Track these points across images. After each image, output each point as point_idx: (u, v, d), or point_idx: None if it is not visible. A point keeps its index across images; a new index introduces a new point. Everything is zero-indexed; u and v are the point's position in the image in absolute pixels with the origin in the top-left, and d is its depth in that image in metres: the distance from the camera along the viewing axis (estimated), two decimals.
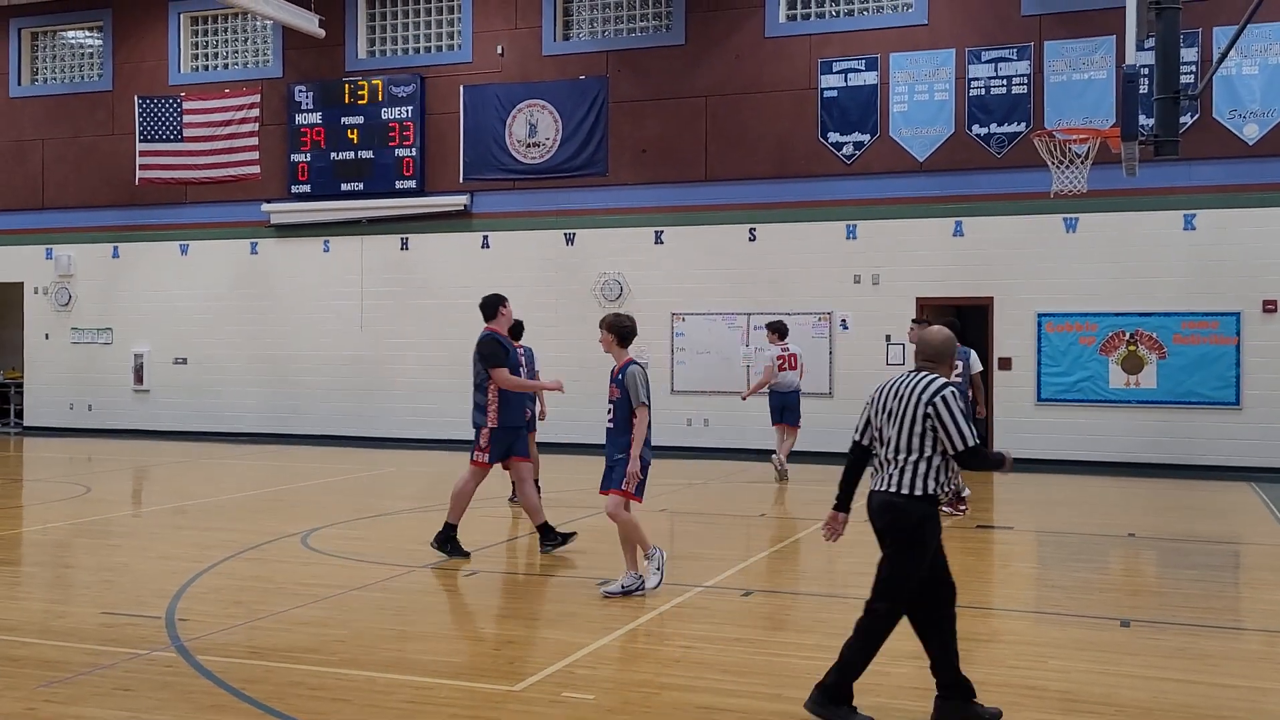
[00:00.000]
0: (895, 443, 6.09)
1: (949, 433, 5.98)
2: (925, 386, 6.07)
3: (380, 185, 22.13)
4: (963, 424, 6.00)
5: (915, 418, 6.03)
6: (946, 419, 5.98)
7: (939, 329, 6.44)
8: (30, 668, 7.01)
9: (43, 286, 24.82)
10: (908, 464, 6.04)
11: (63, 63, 25.22)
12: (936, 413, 5.99)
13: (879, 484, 6.18)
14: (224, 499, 14.89)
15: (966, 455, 6.00)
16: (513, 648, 7.64)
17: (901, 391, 6.14)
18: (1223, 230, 17.77)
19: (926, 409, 6.01)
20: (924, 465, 6.04)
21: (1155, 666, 7.16)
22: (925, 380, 6.12)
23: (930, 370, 6.22)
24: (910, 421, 6.04)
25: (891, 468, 6.11)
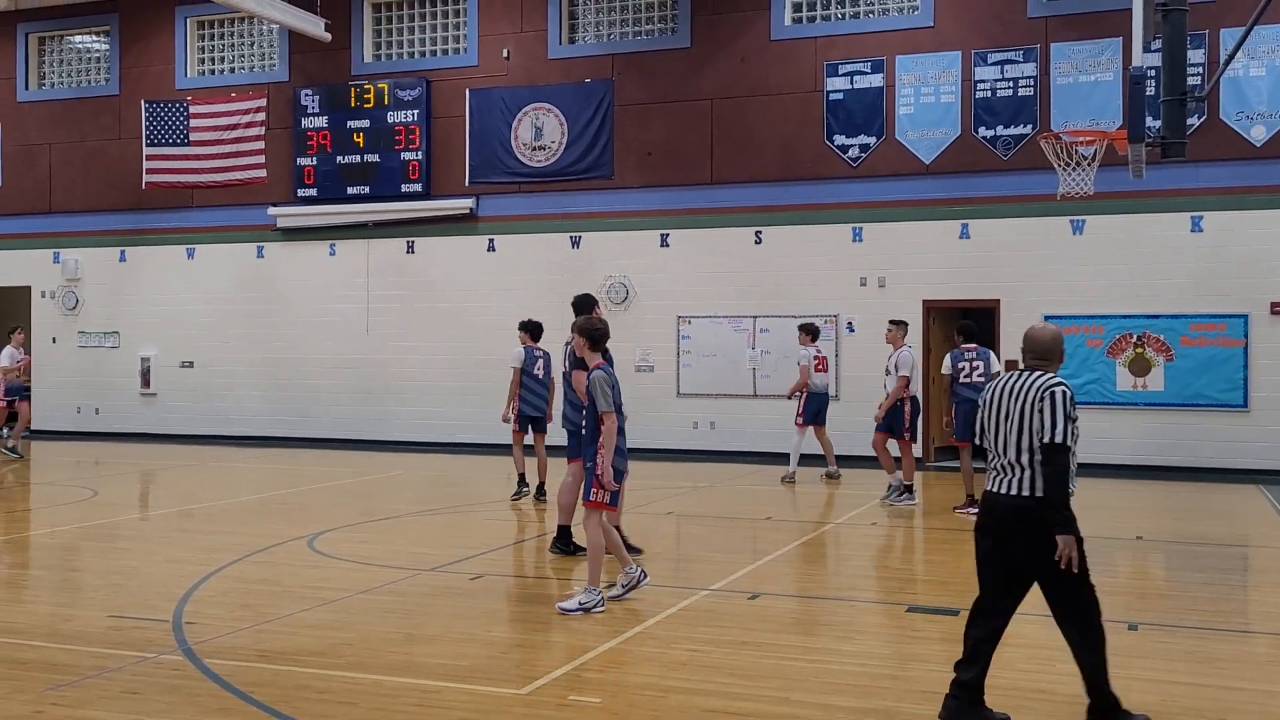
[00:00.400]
0: (1016, 443, 6.04)
1: (1044, 423, 5.92)
2: (1039, 384, 6.04)
3: (386, 189, 22.14)
4: (1061, 420, 5.92)
5: (1031, 416, 5.99)
6: (1048, 411, 5.92)
7: (1046, 326, 6.40)
8: (38, 671, 7.01)
9: (50, 290, 24.86)
10: (1034, 465, 5.98)
11: (70, 67, 25.27)
12: (1043, 406, 5.95)
13: (1005, 488, 6.10)
14: (231, 502, 14.90)
15: (1050, 449, 5.93)
16: (520, 651, 7.63)
17: (1016, 390, 6.10)
18: (1230, 232, 17.74)
19: (1038, 405, 5.97)
20: None
21: (1164, 669, 7.14)
22: (1041, 378, 6.08)
23: (1040, 369, 6.18)
24: (1028, 421, 6.00)
25: (1019, 471, 6.04)
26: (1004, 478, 6.11)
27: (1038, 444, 5.96)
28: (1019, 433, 6.02)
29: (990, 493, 6.19)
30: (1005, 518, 6.08)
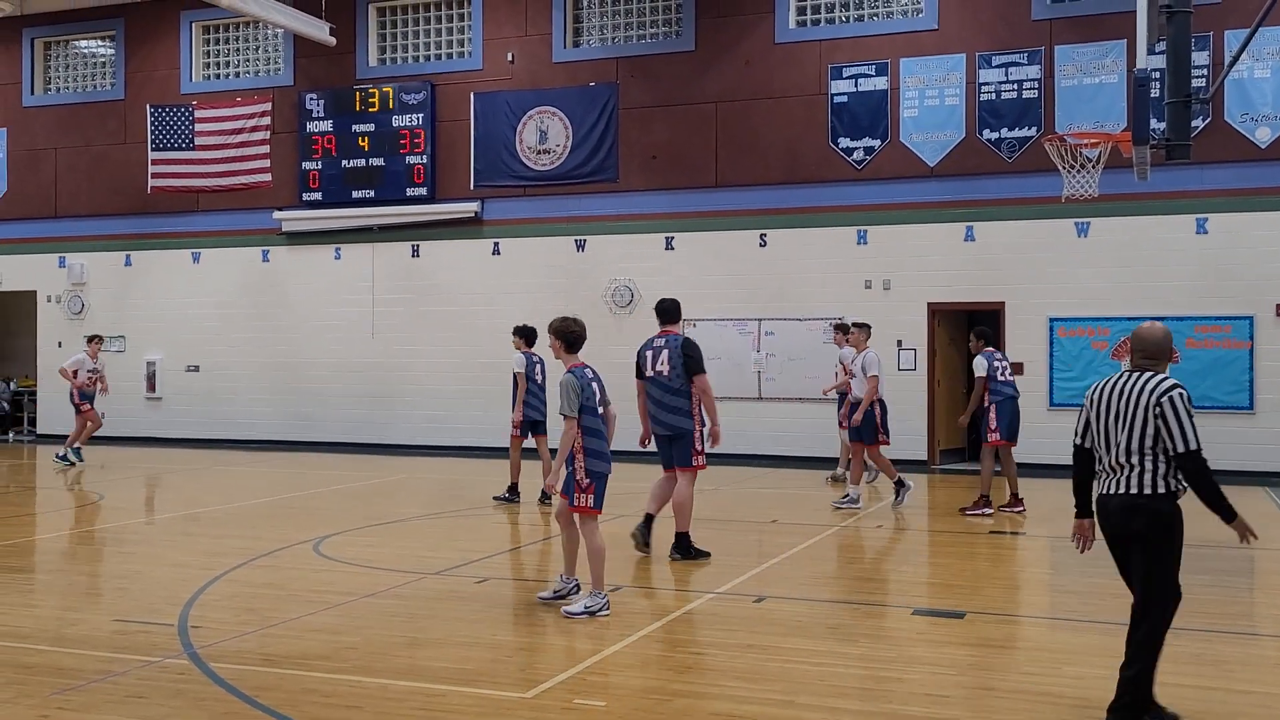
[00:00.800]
0: (1127, 444, 6.04)
1: (1172, 432, 5.93)
2: (1155, 386, 6.04)
3: (391, 192, 22.16)
4: (1188, 426, 5.92)
5: (1146, 418, 5.99)
6: (1172, 418, 5.93)
7: (1155, 325, 6.35)
8: (43, 675, 7.02)
9: (55, 295, 24.90)
10: (1144, 464, 6.00)
11: (75, 72, 25.31)
12: (1163, 412, 5.95)
13: (1115, 487, 6.11)
14: (236, 506, 14.91)
15: (1187, 458, 5.94)
16: (525, 654, 7.63)
17: (1127, 391, 6.09)
18: (1235, 234, 17.72)
19: (1155, 408, 5.97)
20: (1162, 463, 6.00)
21: (1171, 672, 7.12)
22: (1154, 379, 6.08)
23: (1150, 368, 6.17)
24: (1142, 422, 5.99)
25: (1127, 470, 6.05)
26: (1113, 478, 6.13)
27: (1149, 445, 5.98)
28: (1129, 434, 6.03)
29: (1102, 495, 6.22)
30: (1116, 516, 6.14)
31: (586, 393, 8.57)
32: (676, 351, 10.86)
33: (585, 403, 8.55)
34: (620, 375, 20.55)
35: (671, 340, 10.96)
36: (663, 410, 10.88)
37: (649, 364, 10.97)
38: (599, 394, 8.70)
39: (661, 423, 10.92)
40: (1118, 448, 6.07)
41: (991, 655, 7.65)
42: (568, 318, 8.96)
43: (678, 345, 10.90)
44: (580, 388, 8.53)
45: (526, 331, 14.87)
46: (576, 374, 8.61)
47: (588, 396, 8.57)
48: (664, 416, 10.90)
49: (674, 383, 10.83)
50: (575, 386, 8.52)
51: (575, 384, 8.53)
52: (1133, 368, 6.24)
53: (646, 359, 11.00)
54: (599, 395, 8.69)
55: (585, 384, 8.58)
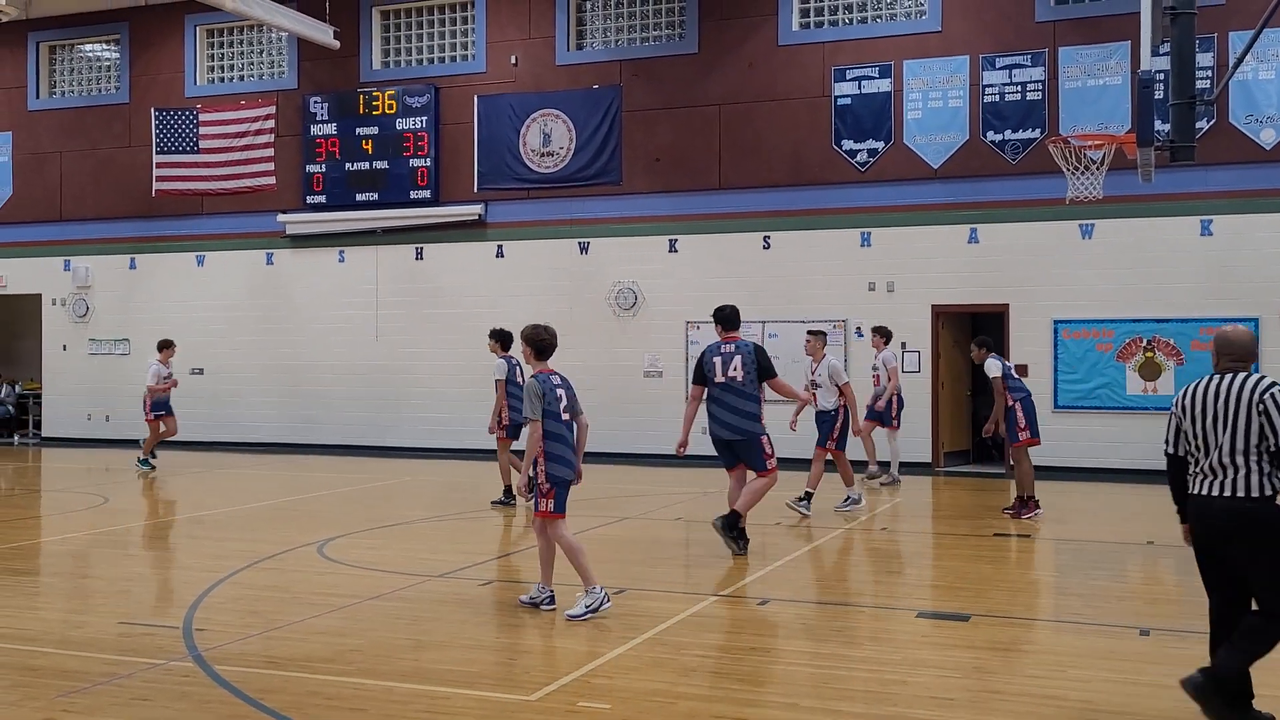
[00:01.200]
0: (1230, 446, 6.03)
1: (1276, 429, 5.93)
2: (1255, 385, 6.04)
3: (395, 195, 22.18)
4: None
5: (1249, 416, 5.99)
6: (1275, 414, 5.93)
7: (1239, 328, 6.38)
8: (49, 678, 7.03)
9: (60, 298, 24.93)
10: (1248, 465, 5.99)
11: (80, 75, 25.35)
12: (1266, 409, 5.95)
13: (1215, 489, 6.09)
14: (240, 509, 14.92)
15: None
16: (529, 657, 7.63)
17: (1225, 393, 6.09)
18: (1240, 235, 17.69)
19: (1259, 405, 5.97)
20: (1266, 464, 6.00)
21: (1176, 675, 7.09)
22: (1253, 379, 6.08)
23: (1240, 369, 6.17)
24: (1245, 422, 5.99)
25: (1231, 472, 6.04)
26: (1214, 480, 6.11)
27: (1254, 445, 5.98)
28: (1233, 435, 6.02)
29: (1200, 496, 6.19)
30: (1218, 520, 6.10)
31: (549, 398, 8.65)
32: (750, 357, 11.21)
33: (548, 408, 8.64)
34: (624, 378, 20.75)
35: (742, 346, 11.29)
36: (734, 415, 11.17)
37: (719, 370, 11.19)
38: (566, 401, 8.76)
39: (732, 427, 11.18)
40: (1219, 450, 6.06)
41: (996, 658, 7.65)
42: (539, 325, 9.04)
43: (750, 351, 11.25)
44: (543, 393, 8.63)
45: (502, 335, 14.99)
46: (541, 379, 8.71)
47: (550, 402, 8.65)
48: (735, 421, 11.17)
49: (747, 388, 11.15)
50: (538, 391, 8.62)
51: (539, 388, 8.63)
52: (1221, 370, 6.23)
53: (715, 365, 11.21)
54: (566, 402, 8.75)
55: (549, 390, 8.67)
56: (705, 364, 11.27)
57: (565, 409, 8.72)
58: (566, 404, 8.75)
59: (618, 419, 20.36)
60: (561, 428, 8.70)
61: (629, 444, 20.18)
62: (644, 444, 20.25)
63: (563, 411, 8.70)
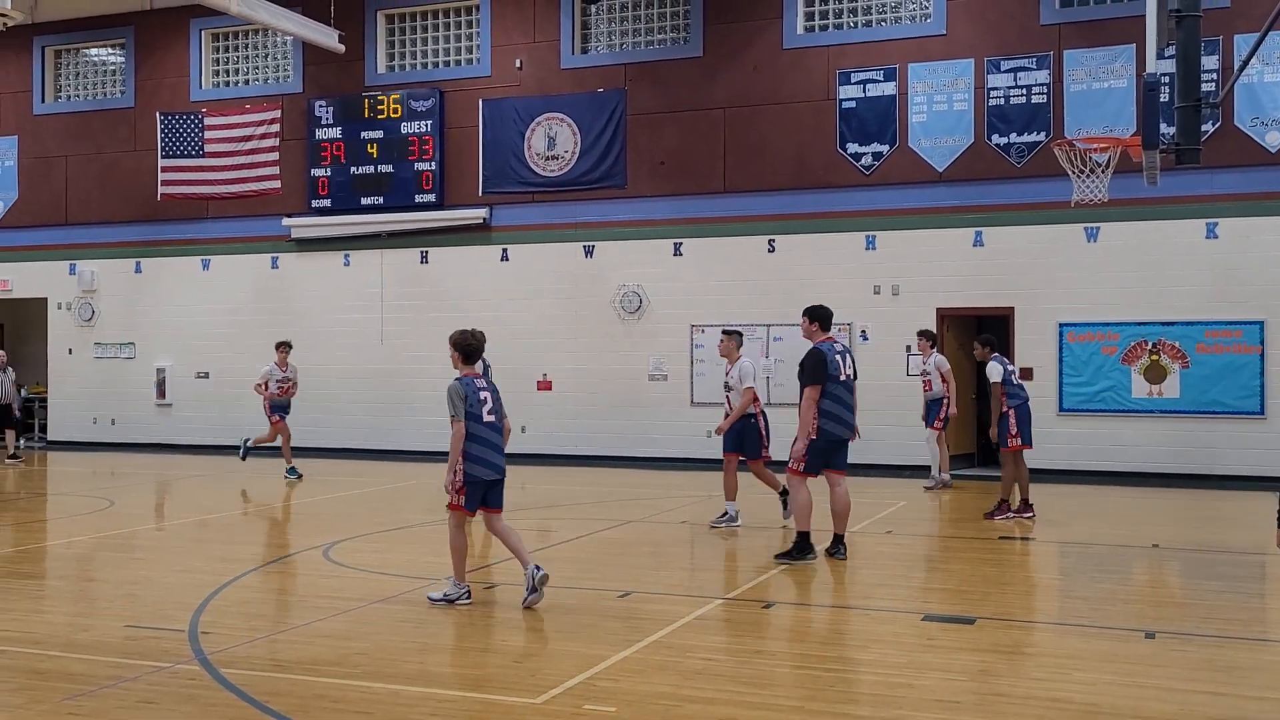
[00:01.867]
0: None
1: None
2: None
3: (400, 199, 22.20)
4: None
5: None
6: None
7: None
8: (55, 681, 7.03)
9: (66, 302, 24.97)
10: None
11: (85, 80, 25.40)
12: None
13: None
14: (246, 512, 14.92)
15: None
16: (534, 660, 7.63)
17: None
18: (1245, 238, 17.68)
19: None
20: None
21: (1181, 679, 7.11)
22: None
23: None
24: None
25: None
26: None
27: None
28: None
29: None
30: None
31: (471, 400, 9.03)
32: (852, 357, 11.36)
33: (470, 410, 9.00)
34: (629, 381, 20.74)
35: (847, 348, 11.38)
36: (852, 413, 11.10)
37: (842, 368, 11.06)
38: (490, 404, 9.14)
39: (851, 426, 11.10)
40: None
41: (1002, 661, 7.64)
42: (466, 330, 9.49)
43: (850, 351, 11.36)
44: (465, 395, 9.02)
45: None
46: (465, 382, 9.10)
47: (472, 404, 9.02)
48: (853, 419, 11.13)
49: (853, 386, 11.17)
50: (460, 393, 9.00)
51: (461, 391, 9.02)
52: None
53: (839, 363, 11.03)
54: (490, 405, 9.13)
55: (471, 392, 9.06)
56: (830, 363, 10.90)
57: (489, 411, 9.10)
58: (491, 406, 9.14)
59: (622, 422, 20.38)
60: (482, 429, 9.06)
61: (633, 447, 20.20)
62: (648, 447, 20.26)
63: (486, 414, 9.07)
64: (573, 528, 12.91)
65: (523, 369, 21.04)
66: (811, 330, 11.21)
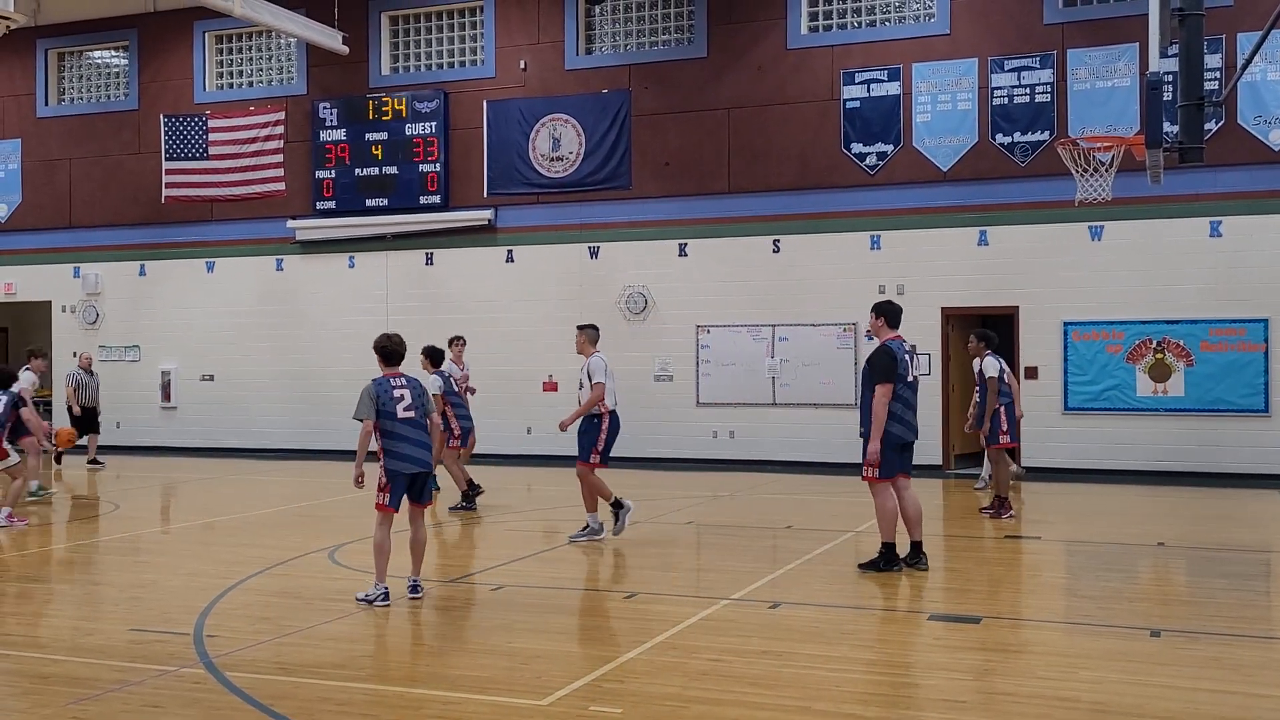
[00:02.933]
0: None
1: None
2: None
3: (405, 201, 22.21)
4: None
5: None
6: None
7: None
8: (60, 685, 7.04)
9: (70, 305, 25.00)
10: None
11: (89, 82, 25.43)
12: None
13: None
14: (251, 515, 14.94)
15: None
16: (540, 662, 7.63)
17: None
18: (1249, 237, 17.66)
19: None
20: None
21: (1188, 677, 7.10)
22: None
23: None
24: None
25: None
26: None
27: None
28: None
29: None
30: None
31: (384, 399, 9.40)
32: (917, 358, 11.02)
33: (384, 409, 9.38)
34: (635, 382, 20.71)
35: (913, 346, 10.94)
36: (915, 415, 10.65)
37: (910, 368, 10.60)
38: (410, 401, 9.48)
39: (915, 428, 10.65)
40: None
41: (1007, 660, 7.63)
42: (389, 334, 9.94)
43: (916, 352, 11.02)
44: (377, 395, 9.40)
45: (432, 352, 15.48)
46: (378, 382, 9.49)
47: (385, 403, 9.39)
48: (916, 422, 10.69)
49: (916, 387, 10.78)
50: (372, 394, 9.41)
51: (373, 391, 9.41)
52: None
53: (908, 363, 10.56)
54: (407, 402, 9.47)
55: (384, 392, 9.43)
56: (900, 362, 10.38)
57: (407, 408, 9.45)
58: (409, 403, 9.47)
59: (628, 423, 20.30)
60: (400, 426, 9.43)
61: (640, 448, 20.18)
62: (654, 448, 20.25)
63: (402, 411, 9.42)
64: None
65: (528, 370, 21.06)
66: (878, 326, 10.68)
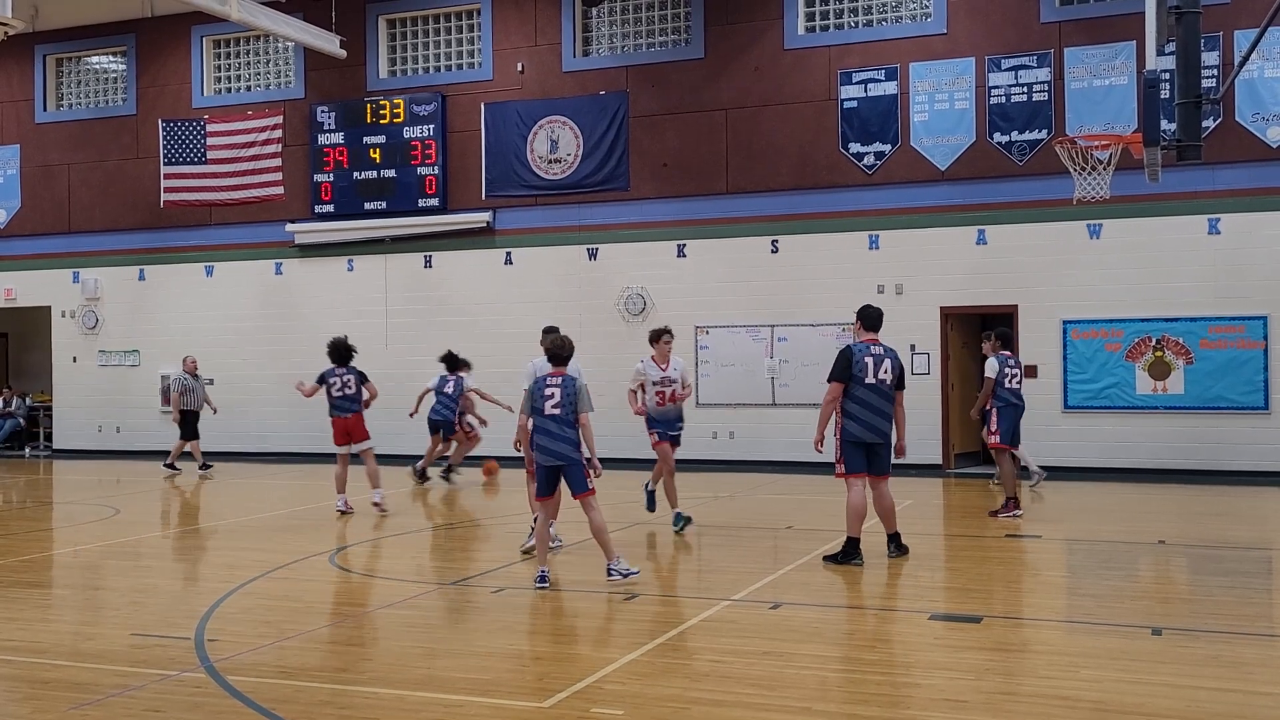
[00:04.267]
0: None
1: None
2: None
3: (403, 204, 22.21)
4: None
5: None
6: None
7: None
8: (61, 690, 7.04)
9: (70, 310, 25.00)
10: None
11: (87, 88, 25.44)
12: None
13: None
14: (252, 519, 14.94)
15: None
16: (541, 664, 7.63)
17: None
18: (1248, 234, 17.67)
19: None
20: None
21: (1188, 675, 7.10)
22: None
23: None
24: None
25: None
26: None
27: None
28: None
29: None
30: None
31: (536, 397, 9.99)
32: (897, 362, 11.07)
33: (534, 405, 9.98)
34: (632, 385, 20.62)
35: (890, 351, 11.07)
36: (881, 418, 10.83)
37: (870, 371, 10.82)
38: (558, 399, 9.91)
39: (880, 431, 10.83)
40: None
41: (1008, 659, 7.63)
42: (558, 338, 10.35)
43: (897, 357, 11.12)
44: (532, 394, 10.05)
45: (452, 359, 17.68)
46: (537, 381, 10.09)
47: (536, 400, 10.00)
48: (882, 424, 10.86)
49: (891, 392, 10.94)
50: (530, 393, 10.06)
51: (531, 389, 10.06)
52: None
53: (868, 365, 10.81)
54: (558, 400, 9.91)
55: (538, 390, 10.02)
56: (856, 363, 10.76)
57: (554, 405, 9.90)
58: (557, 401, 9.92)
59: (628, 424, 20.33)
60: (542, 421, 9.92)
61: (639, 449, 20.13)
62: None
63: (549, 408, 9.91)
64: (580, 530, 12.89)
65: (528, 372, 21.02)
66: (856, 329, 11.22)
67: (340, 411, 14.98)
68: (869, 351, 10.87)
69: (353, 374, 15.08)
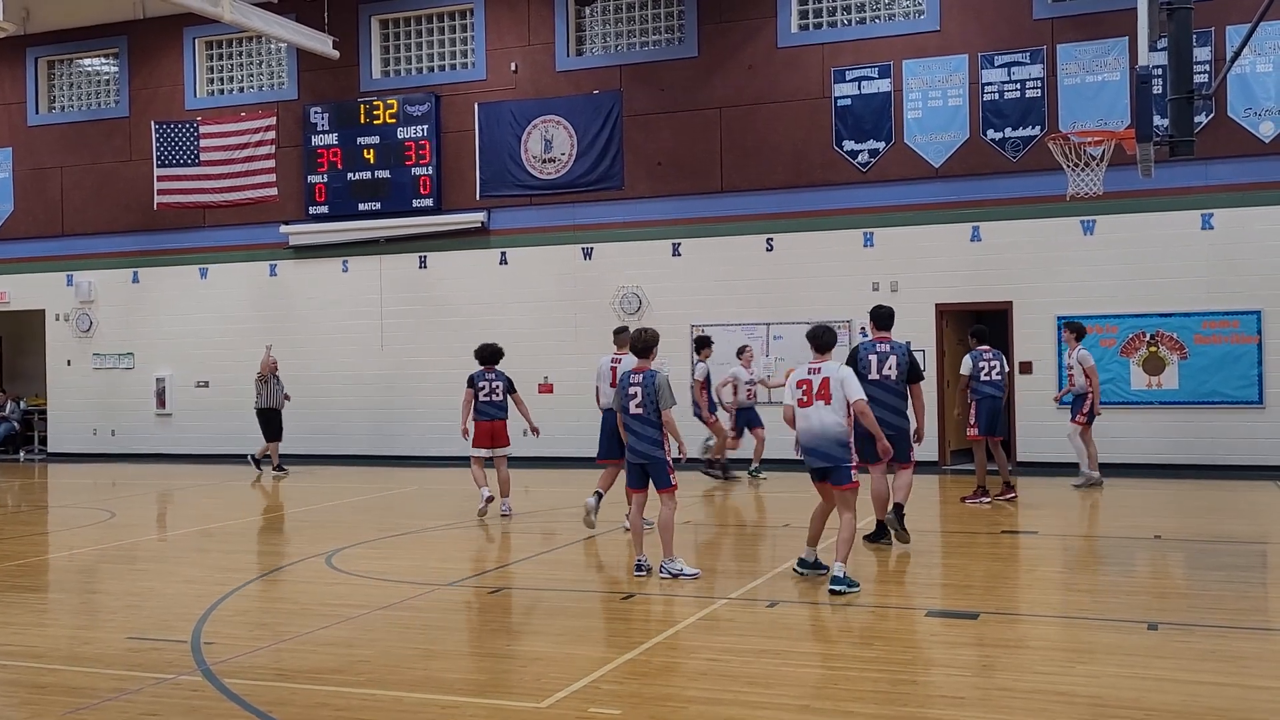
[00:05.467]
0: None
1: None
2: None
3: (397, 204, 22.20)
4: None
5: None
6: None
7: None
8: (57, 694, 7.03)
9: (64, 313, 24.96)
10: None
11: (79, 90, 25.39)
12: None
13: None
14: (247, 521, 14.93)
15: None
16: (538, 664, 7.63)
17: None
18: (1241, 229, 17.69)
19: None
20: None
21: (1185, 669, 7.11)
22: None
23: None
24: None
25: None
26: None
27: None
28: None
29: None
30: None
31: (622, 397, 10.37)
32: (904, 357, 11.45)
33: (621, 404, 10.39)
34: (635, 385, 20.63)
35: (897, 347, 11.51)
36: (888, 411, 11.23)
37: (874, 368, 11.36)
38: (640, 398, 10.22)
39: (887, 423, 11.03)
40: None
41: (1004, 655, 7.64)
42: (642, 329, 10.60)
43: (904, 352, 11.50)
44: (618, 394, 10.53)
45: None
46: (621, 377, 10.54)
47: (622, 400, 10.35)
48: (890, 418, 11.21)
49: (899, 387, 11.38)
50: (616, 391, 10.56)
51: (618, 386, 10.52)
52: None
53: (871, 362, 11.38)
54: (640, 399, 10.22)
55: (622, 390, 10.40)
56: (860, 361, 11.33)
57: (637, 404, 10.22)
58: (640, 399, 10.21)
59: None
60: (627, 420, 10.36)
61: None
62: None
63: (634, 407, 10.25)
64: (576, 530, 12.91)
65: (524, 372, 20.95)
66: (870, 328, 11.79)
67: (485, 416, 14.86)
68: (874, 349, 11.43)
69: (501, 380, 14.92)
